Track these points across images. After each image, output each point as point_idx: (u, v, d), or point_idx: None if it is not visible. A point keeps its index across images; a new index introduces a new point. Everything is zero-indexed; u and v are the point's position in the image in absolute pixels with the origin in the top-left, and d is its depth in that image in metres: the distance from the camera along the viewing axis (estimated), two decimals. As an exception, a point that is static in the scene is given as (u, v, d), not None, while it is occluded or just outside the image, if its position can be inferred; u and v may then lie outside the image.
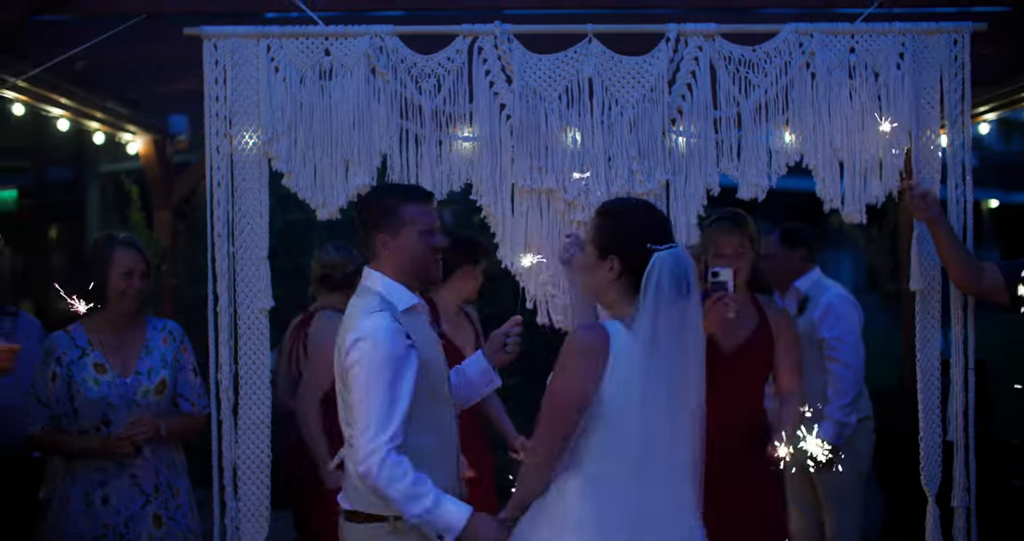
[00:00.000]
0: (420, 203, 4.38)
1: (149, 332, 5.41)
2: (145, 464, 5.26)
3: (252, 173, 5.23)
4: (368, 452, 4.12)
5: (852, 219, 5.34)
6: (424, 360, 4.26)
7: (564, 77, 5.25)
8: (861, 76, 5.25)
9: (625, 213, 4.15)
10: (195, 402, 5.43)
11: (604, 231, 4.09)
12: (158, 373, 5.32)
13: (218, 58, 5.23)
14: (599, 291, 4.13)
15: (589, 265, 4.12)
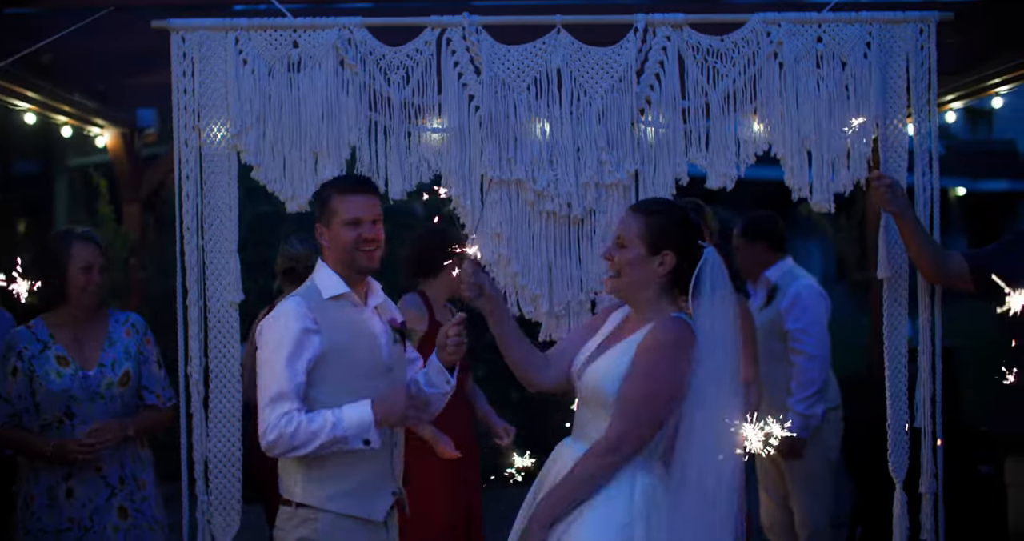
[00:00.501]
0: (349, 194, 4.50)
1: (111, 325, 5.40)
2: (110, 456, 5.24)
3: (221, 166, 5.22)
4: (264, 429, 4.35)
5: (820, 208, 5.37)
6: (337, 347, 4.40)
7: (533, 68, 5.26)
8: (828, 65, 5.27)
9: (675, 211, 4.32)
10: (160, 394, 5.41)
11: (656, 228, 4.22)
12: (122, 365, 5.31)
13: (186, 51, 5.22)
14: (642, 286, 4.24)
15: (636, 261, 4.21)
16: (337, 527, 4.51)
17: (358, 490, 4.51)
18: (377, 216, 4.53)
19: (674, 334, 4.12)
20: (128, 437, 5.25)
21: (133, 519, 5.29)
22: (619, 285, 4.27)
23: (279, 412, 4.34)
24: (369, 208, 4.51)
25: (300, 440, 4.33)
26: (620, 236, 4.25)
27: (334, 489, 4.50)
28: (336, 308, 4.51)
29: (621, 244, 4.24)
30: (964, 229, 22.35)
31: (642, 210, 4.30)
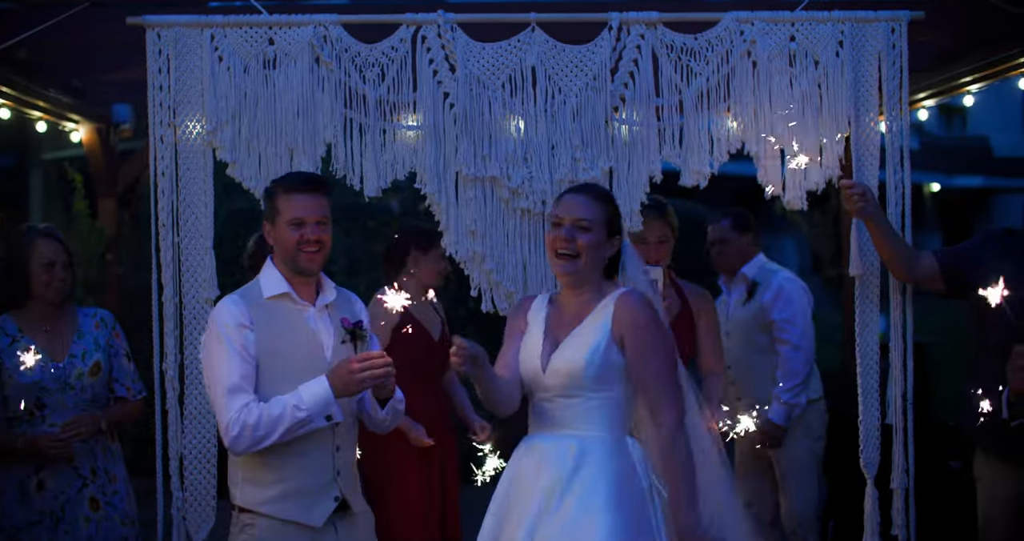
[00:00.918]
0: (295, 193, 4.49)
1: (80, 319, 5.44)
2: (82, 447, 5.27)
3: (196, 162, 5.23)
4: (225, 426, 4.35)
5: (793, 205, 5.41)
6: (270, 347, 4.41)
7: (507, 66, 5.28)
8: (801, 64, 5.31)
9: (613, 197, 4.49)
10: (130, 386, 5.49)
11: (614, 213, 4.41)
12: (92, 356, 5.36)
13: (161, 47, 5.22)
14: (596, 268, 4.38)
15: (597, 244, 4.34)
16: (274, 532, 4.46)
17: (295, 494, 4.45)
18: (322, 217, 4.50)
19: (648, 305, 4.31)
20: (100, 430, 5.28)
21: (104, 511, 5.32)
22: (580, 267, 4.32)
23: (236, 406, 4.33)
24: (314, 209, 4.48)
25: (264, 429, 4.31)
26: (582, 219, 4.29)
27: (271, 493, 4.46)
28: (274, 308, 4.50)
29: (585, 227, 4.29)
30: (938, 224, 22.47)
31: (596, 194, 4.39)
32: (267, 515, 4.47)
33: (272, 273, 4.55)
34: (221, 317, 4.45)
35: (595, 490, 4.13)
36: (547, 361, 4.30)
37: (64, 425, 5.20)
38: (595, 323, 4.28)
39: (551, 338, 4.36)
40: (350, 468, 4.59)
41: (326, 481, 4.49)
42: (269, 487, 4.46)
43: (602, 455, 4.20)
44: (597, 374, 4.22)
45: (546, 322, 4.42)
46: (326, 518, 4.47)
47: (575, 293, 4.38)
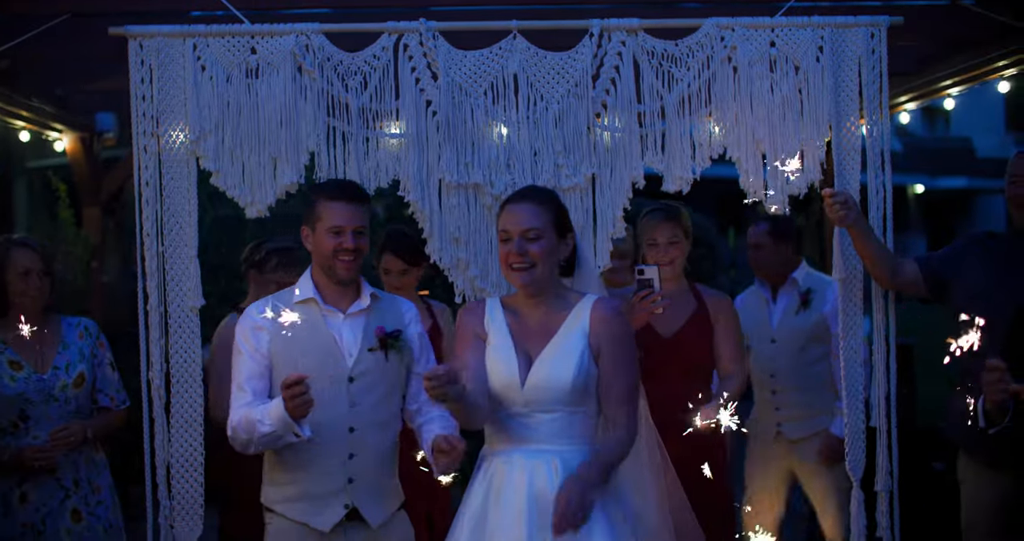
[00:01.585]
0: (334, 201, 4.57)
1: (64, 329, 5.46)
2: (64, 459, 5.30)
3: (180, 172, 5.22)
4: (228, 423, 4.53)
5: (775, 210, 5.42)
6: (283, 349, 4.53)
7: (489, 73, 5.29)
8: (782, 69, 5.32)
9: (555, 195, 4.49)
10: (113, 396, 5.53)
11: (559, 213, 4.38)
12: (76, 367, 5.39)
13: (144, 57, 5.21)
14: (552, 272, 4.35)
15: (551, 249, 4.30)
16: (285, 531, 4.58)
17: (305, 497, 4.55)
18: (360, 226, 4.58)
19: (621, 314, 4.33)
20: (86, 440, 5.29)
21: (87, 522, 5.35)
22: (538, 276, 4.28)
23: (234, 406, 4.50)
24: (352, 217, 4.57)
25: (245, 432, 4.44)
26: (530, 228, 4.26)
27: (284, 493, 4.59)
28: (299, 312, 4.54)
29: (534, 236, 4.26)
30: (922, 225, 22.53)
31: (539, 199, 4.35)
32: (281, 514, 4.59)
33: (306, 279, 4.68)
34: (242, 320, 4.66)
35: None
36: (525, 375, 4.24)
37: (52, 434, 5.21)
38: (571, 334, 4.26)
39: (522, 350, 4.29)
40: (370, 477, 4.59)
41: (336, 487, 4.54)
42: (283, 487, 4.59)
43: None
44: (582, 388, 4.21)
45: (510, 332, 4.35)
46: (334, 524, 4.53)
47: (535, 301, 4.35)
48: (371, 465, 4.59)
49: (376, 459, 4.60)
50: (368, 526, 4.58)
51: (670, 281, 5.85)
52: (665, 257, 5.77)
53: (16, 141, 9.04)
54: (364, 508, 4.57)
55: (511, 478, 4.19)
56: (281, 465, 4.59)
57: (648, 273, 5.38)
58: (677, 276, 5.87)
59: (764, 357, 6.64)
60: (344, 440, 4.51)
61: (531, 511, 4.10)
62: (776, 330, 6.68)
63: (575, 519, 3.96)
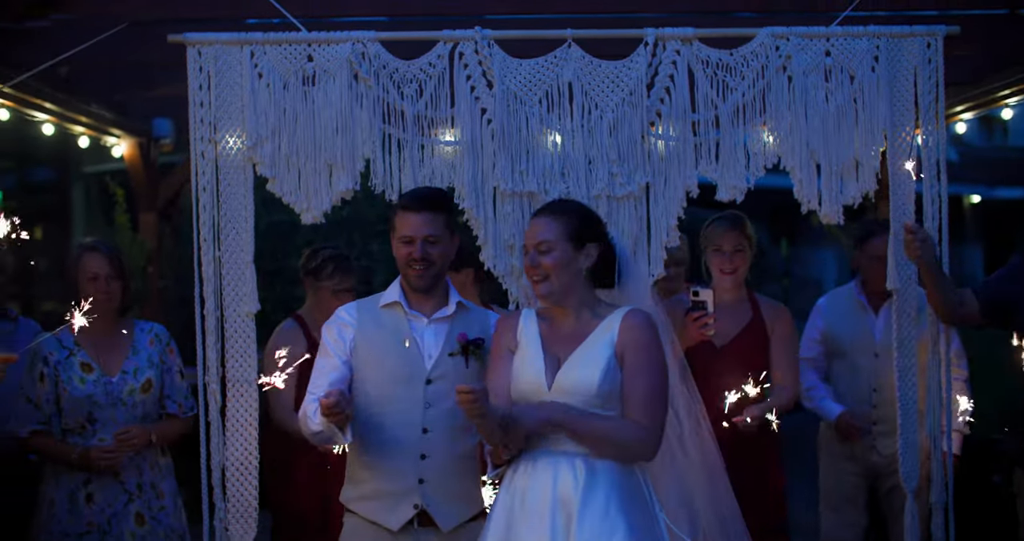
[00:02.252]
0: (407, 211, 4.61)
1: (136, 334, 5.53)
2: (129, 462, 5.38)
3: (237, 178, 5.26)
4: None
5: (829, 220, 5.39)
6: (366, 349, 4.57)
7: (544, 81, 5.30)
8: (837, 79, 5.30)
9: (580, 206, 4.51)
10: (181, 403, 5.59)
11: (575, 224, 4.36)
12: (144, 373, 5.45)
13: (202, 64, 5.26)
14: (573, 283, 4.36)
15: (564, 260, 4.32)
16: (358, 529, 4.64)
17: (377, 495, 4.59)
18: (430, 235, 4.59)
19: (651, 325, 4.31)
20: (150, 444, 5.38)
21: (150, 526, 5.42)
22: (552, 288, 4.32)
23: (305, 401, 4.57)
24: (422, 227, 4.58)
25: (304, 427, 4.54)
26: (540, 242, 4.31)
27: (359, 491, 4.65)
28: (384, 315, 4.67)
29: (546, 249, 4.30)
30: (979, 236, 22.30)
31: (553, 212, 4.39)
32: (355, 513, 4.65)
33: (395, 284, 4.73)
34: (330, 319, 4.75)
35: (608, 508, 4.14)
36: (552, 379, 4.28)
37: (116, 435, 5.29)
38: (599, 341, 4.29)
39: (551, 355, 4.33)
40: (442, 480, 4.59)
41: (407, 487, 4.56)
42: (359, 485, 4.66)
43: (610, 473, 4.20)
44: (608, 392, 4.23)
45: (541, 339, 4.40)
46: (403, 524, 4.56)
47: (566, 311, 4.39)
48: (443, 468, 4.59)
49: (449, 462, 4.60)
50: (439, 530, 4.59)
51: (730, 290, 5.87)
52: (729, 265, 5.81)
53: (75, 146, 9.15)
54: (434, 510, 4.57)
55: (536, 480, 4.22)
56: (357, 463, 4.66)
57: (703, 295, 5.40)
58: (739, 285, 5.89)
59: (866, 370, 6.49)
60: (417, 440, 4.54)
61: (555, 513, 4.13)
62: (879, 344, 6.47)
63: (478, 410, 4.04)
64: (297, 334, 6.19)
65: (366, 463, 4.60)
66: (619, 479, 4.20)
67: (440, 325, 4.68)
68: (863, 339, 6.53)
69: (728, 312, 5.80)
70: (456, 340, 4.62)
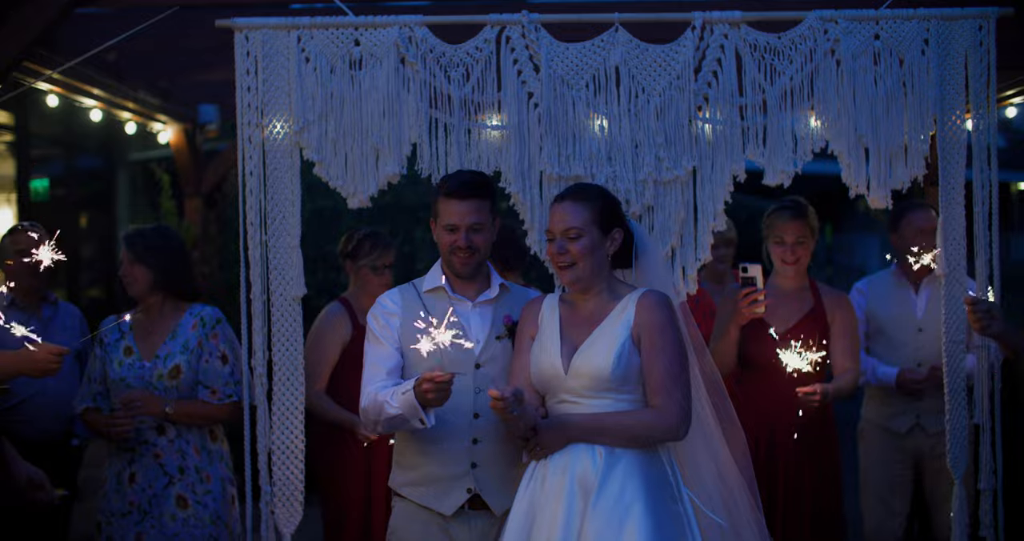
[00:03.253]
0: (451, 198, 4.62)
1: (184, 319, 5.59)
2: (169, 445, 5.46)
3: (284, 162, 5.27)
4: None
5: (878, 205, 5.35)
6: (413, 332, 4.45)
7: (591, 66, 5.28)
8: (886, 62, 5.26)
9: (603, 191, 4.57)
10: (217, 390, 5.56)
11: (602, 210, 4.44)
12: (174, 358, 5.50)
13: (249, 49, 5.27)
14: (600, 268, 4.44)
15: (593, 246, 4.40)
16: (408, 514, 4.67)
17: (428, 481, 4.62)
18: (475, 223, 4.62)
19: (666, 305, 4.36)
20: (168, 417, 5.44)
21: (193, 509, 5.46)
22: (581, 274, 4.40)
23: (369, 385, 4.57)
24: (466, 215, 4.60)
25: (373, 414, 4.52)
26: (569, 228, 4.37)
27: (410, 477, 4.67)
28: (429, 301, 4.69)
29: (575, 236, 4.36)
30: (1028, 223, 22.11)
31: (579, 197, 4.44)
32: (405, 497, 4.68)
33: (436, 269, 4.75)
34: (373, 308, 4.75)
35: (624, 491, 4.18)
36: (568, 362, 4.34)
37: (122, 400, 5.41)
38: (616, 324, 4.34)
39: (568, 339, 4.40)
40: (494, 464, 4.62)
41: (460, 472, 4.59)
42: (409, 471, 4.68)
43: (630, 457, 4.25)
44: (623, 375, 4.27)
45: (560, 323, 4.46)
46: (456, 508, 4.59)
47: (587, 295, 4.45)
48: (495, 452, 4.61)
49: (500, 446, 4.61)
50: (492, 513, 4.62)
51: (792, 279, 5.85)
52: (792, 256, 5.80)
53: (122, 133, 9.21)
54: (487, 494, 4.60)
55: (556, 465, 4.30)
56: (408, 449, 4.67)
57: (751, 271, 5.38)
58: (800, 274, 5.87)
59: (910, 346, 6.50)
60: (468, 425, 4.56)
61: (572, 496, 4.19)
62: (922, 320, 6.53)
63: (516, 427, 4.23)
64: (343, 318, 6.25)
65: (417, 448, 4.61)
66: (640, 462, 4.25)
67: (485, 308, 4.71)
68: (905, 315, 6.55)
69: (789, 300, 5.81)
70: (503, 323, 4.64)
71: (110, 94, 7.57)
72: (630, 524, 4.11)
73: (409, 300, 4.70)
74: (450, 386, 4.26)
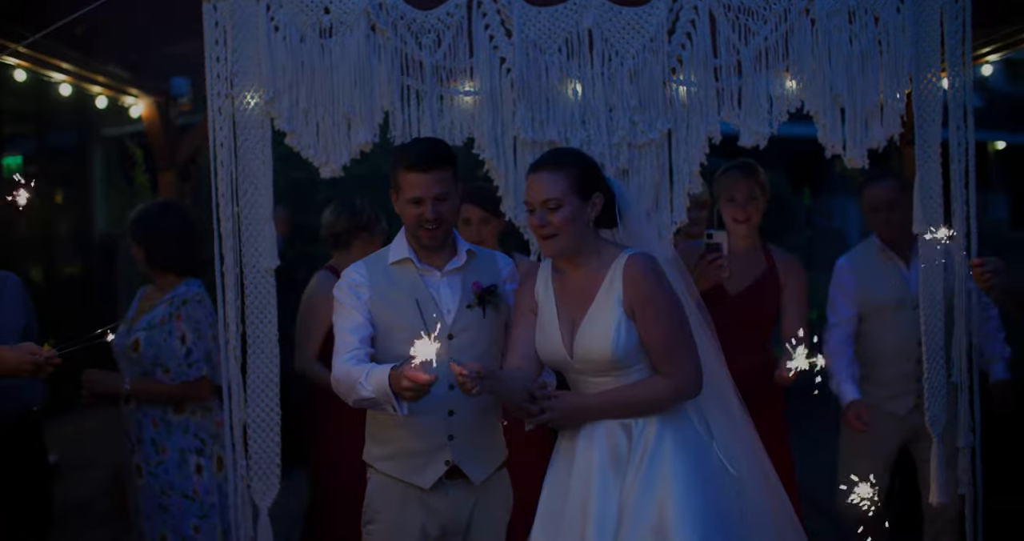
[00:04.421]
0: (412, 172, 4.54)
1: (167, 295, 5.69)
2: (130, 415, 5.63)
3: (255, 133, 5.22)
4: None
5: (854, 164, 5.34)
6: (383, 308, 4.54)
7: (564, 29, 5.24)
8: (861, 20, 5.23)
9: (576, 154, 4.52)
10: (170, 370, 5.61)
11: (579, 176, 4.35)
12: (137, 333, 5.62)
13: (218, 19, 5.20)
14: (583, 235, 4.37)
15: (574, 214, 4.32)
16: (384, 488, 4.65)
17: (405, 454, 4.59)
18: (441, 193, 4.55)
19: (653, 267, 4.30)
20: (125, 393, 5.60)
21: (145, 480, 5.60)
22: (561, 245, 4.34)
23: (339, 359, 4.49)
24: (431, 186, 4.53)
25: (345, 387, 4.44)
26: (548, 199, 4.30)
27: (386, 451, 4.64)
28: (396, 273, 4.63)
29: (555, 206, 4.30)
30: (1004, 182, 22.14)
31: (555, 166, 4.36)
32: (382, 472, 4.65)
33: (400, 240, 4.68)
34: (339, 281, 4.67)
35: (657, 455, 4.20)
36: (571, 346, 4.33)
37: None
38: (608, 299, 4.30)
39: (567, 319, 4.37)
40: (471, 434, 4.62)
41: (437, 445, 4.57)
42: (385, 445, 4.65)
43: (657, 421, 4.26)
44: (624, 355, 4.26)
45: (556, 299, 4.43)
46: (435, 481, 4.58)
47: (574, 264, 4.41)
48: (472, 422, 4.61)
49: (477, 416, 4.61)
50: (470, 483, 4.62)
51: (745, 238, 5.85)
52: (742, 214, 5.79)
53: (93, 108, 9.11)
54: (465, 465, 4.60)
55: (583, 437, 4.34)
56: (383, 423, 4.63)
57: (717, 237, 5.37)
58: (751, 234, 5.85)
59: (908, 325, 6.18)
60: (444, 397, 4.50)
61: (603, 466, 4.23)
62: (916, 297, 6.11)
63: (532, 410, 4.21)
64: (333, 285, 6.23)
65: (392, 423, 4.57)
66: (667, 426, 4.27)
67: (454, 277, 4.66)
68: (900, 293, 6.34)
69: (742, 261, 5.79)
70: (472, 291, 4.59)
71: (79, 68, 7.48)
72: (664, 491, 4.13)
73: (377, 274, 4.64)
74: (430, 387, 4.16)
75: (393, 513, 4.62)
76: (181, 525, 5.56)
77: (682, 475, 4.15)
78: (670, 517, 4.07)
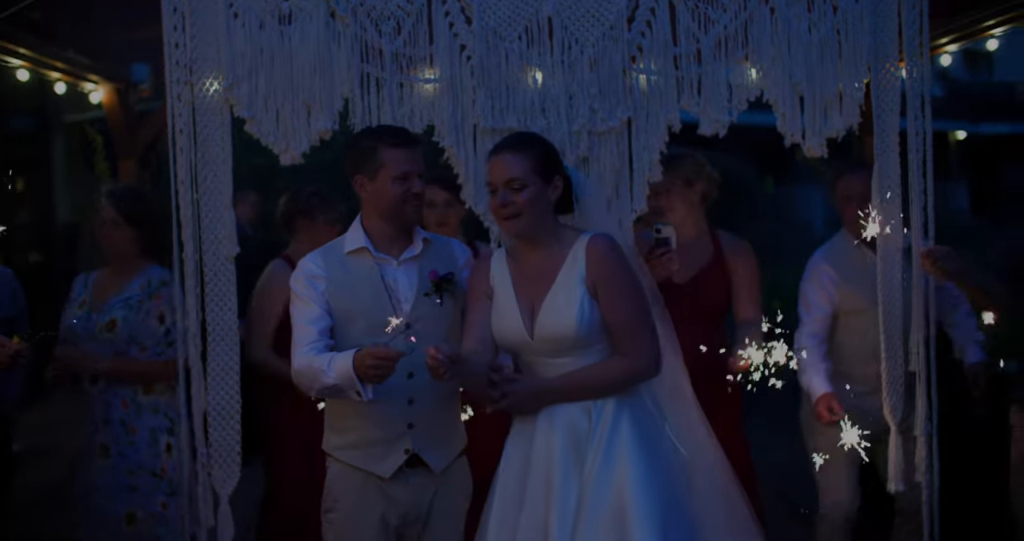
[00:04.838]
0: (399, 147, 4.56)
1: (137, 277, 5.65)
2: (96, 397, 5.55)
3: (214, 120, 5.19)
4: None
5: (813, 153, 5.35)
6: (339, 298, 4.55)
7: (524, 17, 5.24)
8: (819, 9, 5.25)
9: (539, 138, 4.56)
10: (147, 347, 5.60)
11: (541, 158, 4.39)
12: (113, 311, 5.56)
13: (176, 5, 5.17)
14: (543, 217, 4.40)
15: (537, 196, 4.35)
16: (344, 477, 4.64)
17: (365, 443, 4.59)
18: (422, 170, 4.62)
19: (615, 247, 4.33)
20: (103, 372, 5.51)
21: (113, 460, 5.52)
22: (524, 225, 4.36)
23: (300, 351, 4.48)
24: (417, 162, 4.60)
25: (307, 378, 4.44)
26: (512, 179, 4.32)
27: (345, 440, 4.63)
28: (352, 262, 4.62)
29: (518, 187, 4.31)
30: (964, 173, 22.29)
31: (518, 147, 4.38)
32: (341, 461, 4.64)
33: (356, 229, 4.68)
34: (296, 272, 4.66)
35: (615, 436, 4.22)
36: (531, 327, 4.33)
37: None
38: (569, 280, 4.31)
39: (526, 301, 4.38)
40: (431, 422, 4.62)
41: (397, 433, 4.57)
42: (344, 434, 4.64)
43: (614, 403, 4.27)
44: (587, 334, 4.27)
45: (513, 283, 4.43)
46: (394, 470, 4.58)
47: (533, 247, 4.42)
48: (431, 410, 4.61)
49: (436, 403, 4.62)
50: (430, 471, 4.62)
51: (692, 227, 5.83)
52: (667, 204, 5.75)
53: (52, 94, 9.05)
54: (425, 453, 4.61)
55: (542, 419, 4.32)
56: (341, 412, 4.62)
57: (665, 232, 5.37)
58: (681, 224, 5.78)
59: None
60: (403, 386, 4.51)
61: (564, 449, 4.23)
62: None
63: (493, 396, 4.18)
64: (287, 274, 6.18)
65: (352, 411, 4.57)
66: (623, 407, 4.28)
67: (410, 266, 4.66)
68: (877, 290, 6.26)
69: (688, 249, 5.76)
70: (429, 279, 4.59)
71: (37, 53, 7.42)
72: (622, 475, 4.14)
73: (333, 263, 4.64)
74: (395, 364, 4.19)
75: (353, 502, 4.62)
76: (149, 502, 5.53)
77: (639, 459, 4.17)
78: (629, 502, 4.09)
